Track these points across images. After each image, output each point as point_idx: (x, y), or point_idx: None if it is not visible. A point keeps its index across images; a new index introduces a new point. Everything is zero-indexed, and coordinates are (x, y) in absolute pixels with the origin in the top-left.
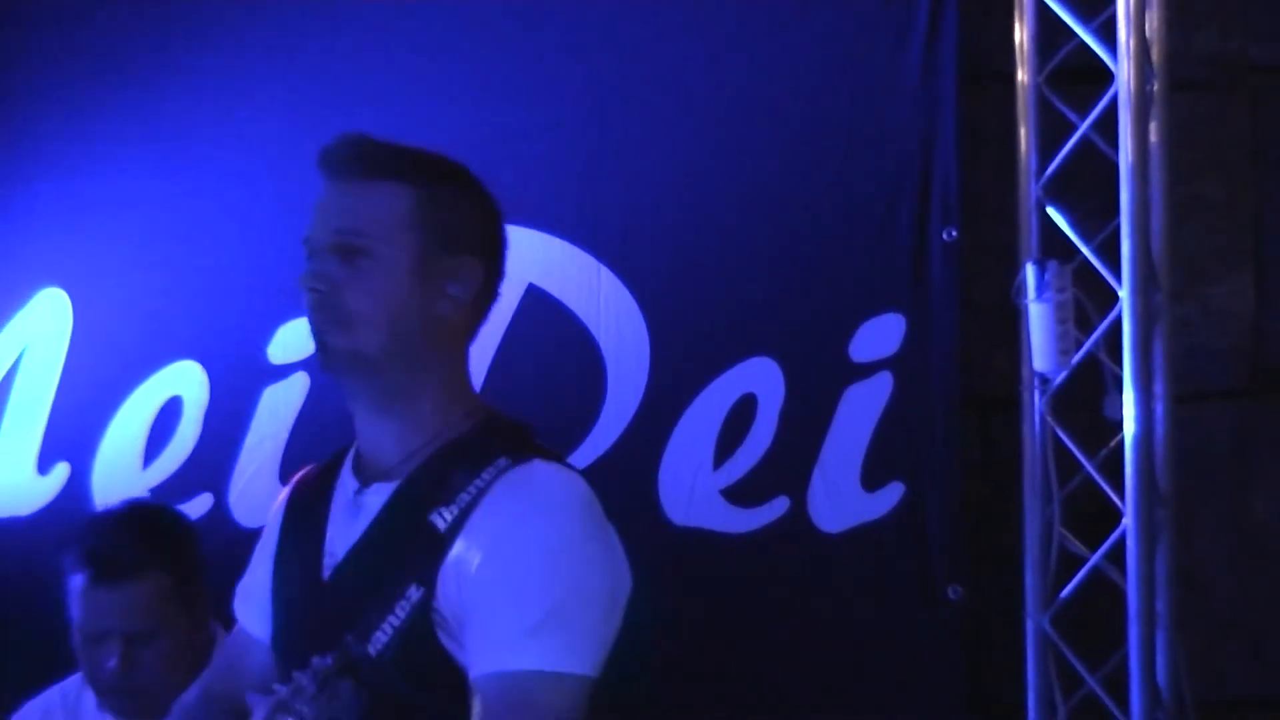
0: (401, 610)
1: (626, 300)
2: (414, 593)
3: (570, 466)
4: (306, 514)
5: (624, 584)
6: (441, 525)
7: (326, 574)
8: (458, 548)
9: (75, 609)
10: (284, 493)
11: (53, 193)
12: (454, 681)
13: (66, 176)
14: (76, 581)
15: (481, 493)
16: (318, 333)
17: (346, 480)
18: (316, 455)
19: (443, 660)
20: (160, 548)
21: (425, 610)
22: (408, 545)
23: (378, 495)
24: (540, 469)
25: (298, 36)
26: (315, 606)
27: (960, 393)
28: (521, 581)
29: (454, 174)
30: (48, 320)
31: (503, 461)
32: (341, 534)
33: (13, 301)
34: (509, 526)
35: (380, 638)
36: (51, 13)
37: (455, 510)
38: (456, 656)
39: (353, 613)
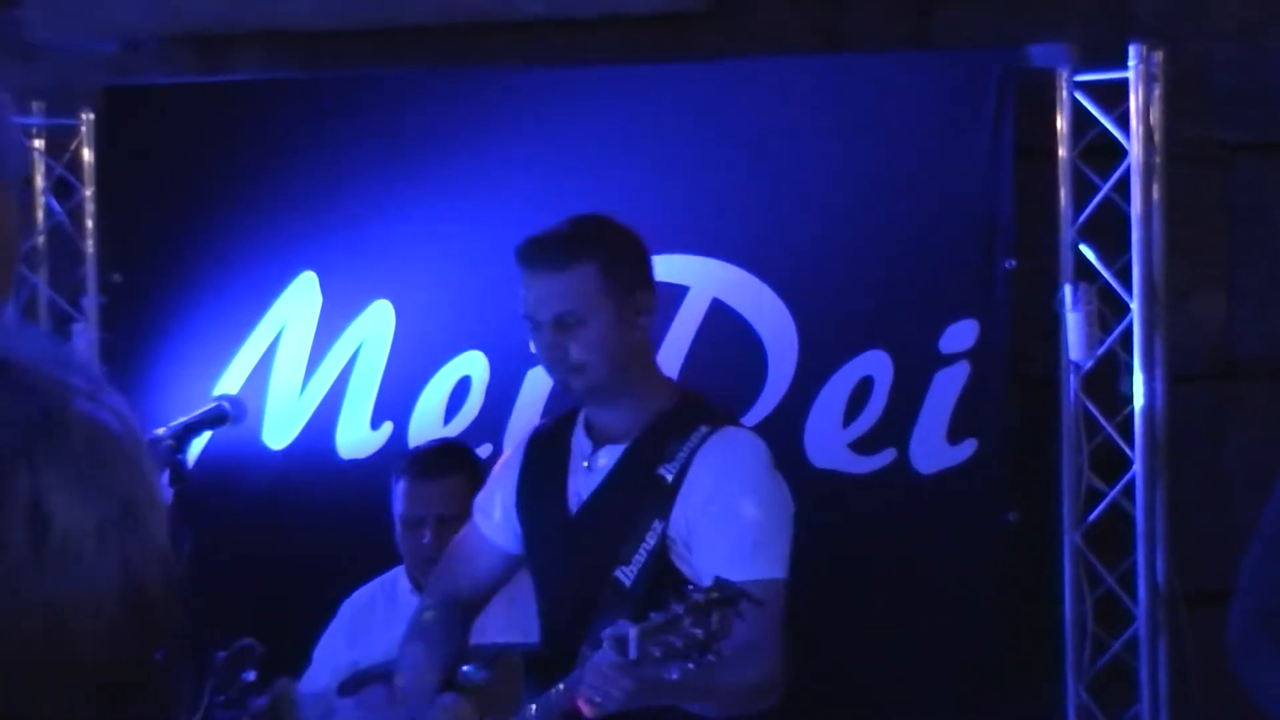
0: (651, 538)
1: (782, 310)
2: (658, 525)
3: (746, 427)
4: (546, 461)
5: (791, 507)
6: (668, 477)
7: (573, 510)
8: (684, 491)
9: (400, 503)
10: (522, 439)
11: (380, 232)
12: (679, 587)
13: (391, 221)
14: (401, 483)
15: (694, 451)
16: (560, 378)
17: (580, 441)
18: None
19: (672, 573)
20: (460, 457)
21: (664, 537)
22: (644, 492)
23: (609, 455)
24: (732, 432)
25: (532, 124)
26: (566, 535)
27: (1017, 375)
28: (738, 513)
29: (618, 235)
30: (379, 322)
31: (704, 428)
32: (583, 482)
33: (352, 311)
34: (722, 473)
35: (638, 560)
36: (363, 113)
37: (676, 466)
38: (683, 570)
39: (600, 541)
